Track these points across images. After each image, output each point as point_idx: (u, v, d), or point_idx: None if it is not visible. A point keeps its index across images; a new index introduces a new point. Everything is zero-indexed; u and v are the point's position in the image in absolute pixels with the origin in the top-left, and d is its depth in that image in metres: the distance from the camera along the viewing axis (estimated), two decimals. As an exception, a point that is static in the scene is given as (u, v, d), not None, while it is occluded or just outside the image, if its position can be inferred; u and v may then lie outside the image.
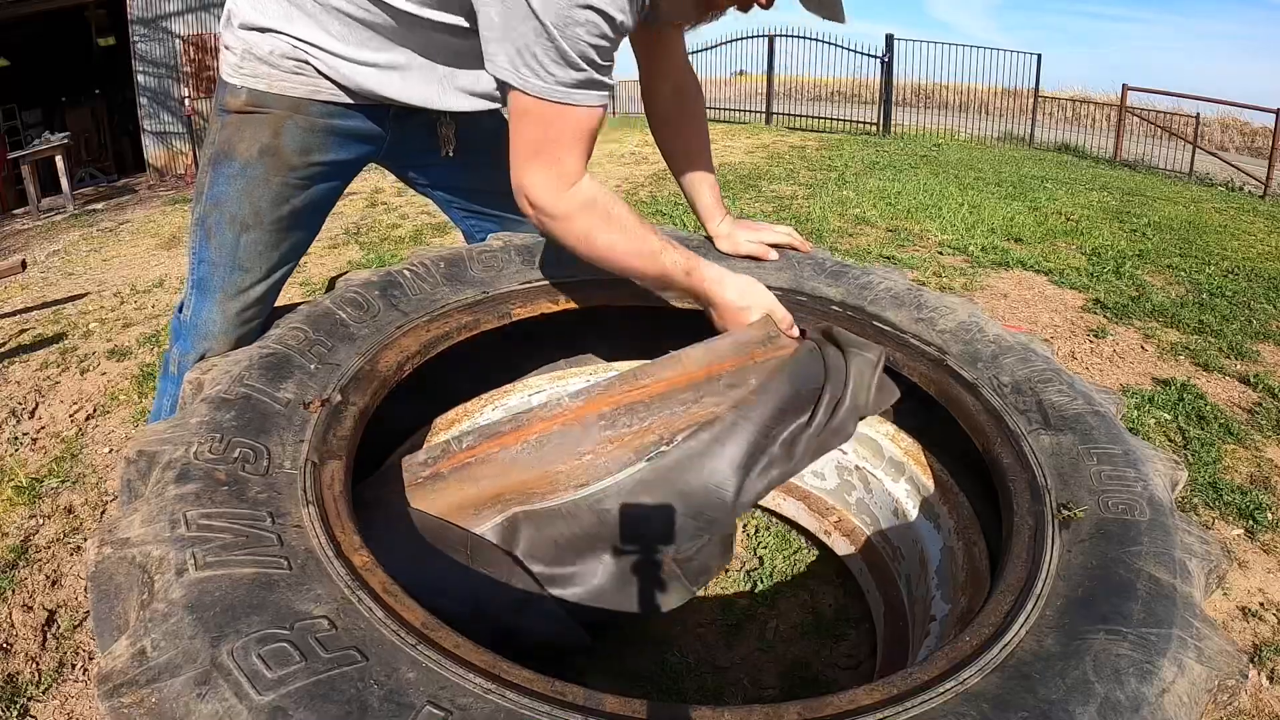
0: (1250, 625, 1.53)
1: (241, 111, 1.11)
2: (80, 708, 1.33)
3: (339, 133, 1.17)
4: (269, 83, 1.10)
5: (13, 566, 1.67)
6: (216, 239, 1.13)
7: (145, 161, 9.33)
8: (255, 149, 1.11)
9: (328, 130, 1.15)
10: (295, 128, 1.12)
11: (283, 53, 1.09)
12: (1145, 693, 0.64)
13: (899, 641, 1.25)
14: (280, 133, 1.11)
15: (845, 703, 0.66)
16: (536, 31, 0.90)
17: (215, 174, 1.13)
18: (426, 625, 0.67)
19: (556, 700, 0.61)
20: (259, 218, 1.13)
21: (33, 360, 2.90)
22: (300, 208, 1.18)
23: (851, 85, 12.47)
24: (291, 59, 1.09)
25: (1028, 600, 0.76)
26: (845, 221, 4.71)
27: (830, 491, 1.53)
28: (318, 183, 1.19)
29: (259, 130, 1.11)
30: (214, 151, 1.14)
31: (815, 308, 1.35)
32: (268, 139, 1.11)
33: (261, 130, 1.11)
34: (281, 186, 1.13)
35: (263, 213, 1.13)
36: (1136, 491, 0.90)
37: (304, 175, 1.16)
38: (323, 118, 1.14)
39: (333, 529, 0.75)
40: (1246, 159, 10.28)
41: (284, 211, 1.15)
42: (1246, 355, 2.84)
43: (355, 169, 1.28)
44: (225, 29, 1.14)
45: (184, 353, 1.17)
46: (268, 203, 1.13)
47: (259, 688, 0.56)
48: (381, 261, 3.94)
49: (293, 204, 1.16)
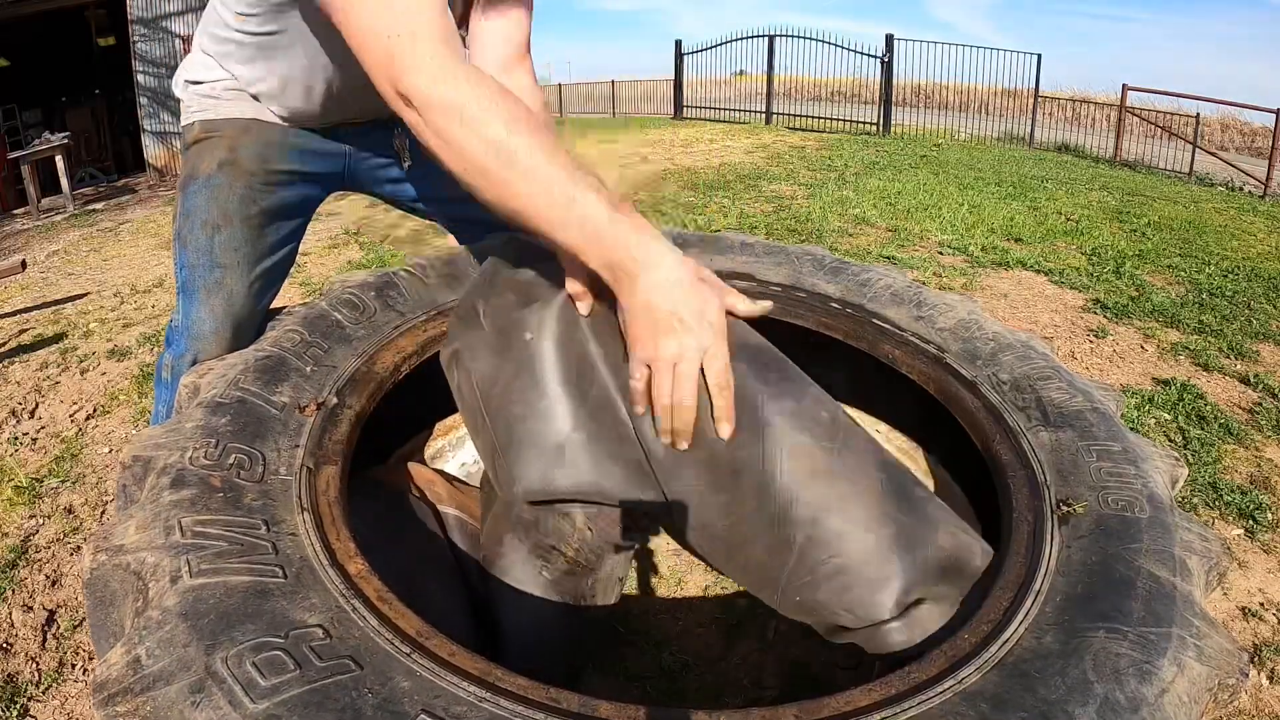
0: (1250, 625, 1.53)
1: (197, 140, 1.19)
2: (80, 708, 1.33)
3: (294, 148, 1.22)
4: (216, 110, 1.19)
5: (13, 566, 1.67)
6: (192, 244, 1.16)
7: (145, 161, 9.33)
8: (215, 164, 1.17)
9: (282, 145, 1.20)
10: (250, 143, 1.18)
11: (224, 85, 1.18)
12: (1145, 693, 0.64)
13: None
14: (236, 149, 1.17)
15: (842, 704, 0.66)
16: None
17: (184, 195, 1.19)
18: (421, 633, 0.67)
19: (551, 707, 0.61)
20: (228, 218, 1.17)
21: (33, 360, 2.90)
22: (268, 209, 1.20)
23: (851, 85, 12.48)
24: (232, 89, 1.18)
25: (1026, 597, 0.75)
26: (845, 221, 4.71)
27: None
28: (282, 188, 1.22)
29: (215, 150, 1.17)
30: (181, 180, 1.21)
31: (814, 304, 1.34)
32: (224, 154, 1.17)
33: (218, 149, 1.17)
34: (246, 189, 1.17)
35: (231, 213, 1.17)
36: (1136, 488, 0.89)
37: (266, 181, 1.20)
38: (276, 134, 1.20)
39: (327, 536, 0.75)
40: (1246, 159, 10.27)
41: (252, 211, 1.18)
42: (1246, 355, 2.83)
43: (323, 184, 1.31)
44: (176, 88, 1.23)
45: (177, 356, 1.16)
46: (235, 204, 1.17)
47: (253, 696, 0.56)
48: (381, 261, 3.94)
49: (260, 205, 1.19)
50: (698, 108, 12.75)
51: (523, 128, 0.80)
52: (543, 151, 0.80)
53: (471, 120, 0.80)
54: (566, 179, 0.80)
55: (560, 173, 0.80)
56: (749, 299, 0.91)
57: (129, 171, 10.02)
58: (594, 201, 0.80)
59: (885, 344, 1.25)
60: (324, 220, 4.96)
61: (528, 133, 0.80)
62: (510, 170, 0.80)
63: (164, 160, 9.25)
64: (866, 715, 0.64)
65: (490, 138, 0.80)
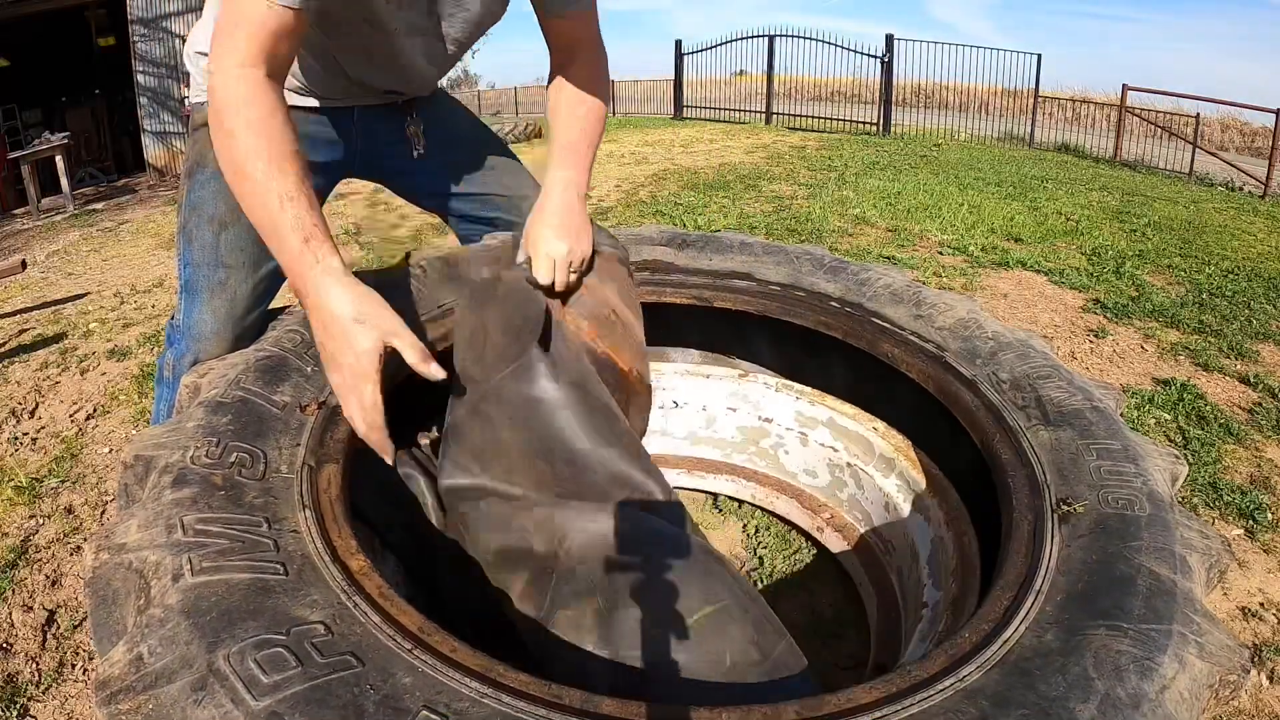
0: (1250, 625, 1.53)
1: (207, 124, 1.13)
2: (80, 708, 1.33)
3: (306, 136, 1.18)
4: None
5: (13, 566, 1.67)
6: (197, 241, 1.15)
7: (145, 161, 9.32)
8: None
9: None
10: None
11: None
12: (1146, 689, 0.64)
13: (892, 633, 1.25)
14: None
15: (843, 701, 0.66)
16: None
17: (190, 183, 1.17)
18: (423, 630, 0.67)
19: (553, 704, 0.61)
20: (236, 214, 1.13)
21: (33, 360, 2.90)
22: None
23: (851, 85, 12.48)
24: None
25: (1027, 596, 0.76)
26: (845, 221, 4.71)
27: (822, 489, 1.54)
28: None
29: None
30: (188, 165, 1.18)
31: (813, 303, 1.35)
32: None
33: None
34: None
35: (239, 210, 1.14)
36: (1136, 486, 0.90)
37: None
38: None
39: (329, 533, 0.75)
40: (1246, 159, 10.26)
41: None
42: (1246, 355, 2.83)
43: (331, 175, 1.29)
44: (185, 58, 1.19)
45: (178, 356, 1.16)
46: None
47: (255, 693, 0.56)
48: (381, 262, 3.94)
49: None
50: (698, 108, 12.75)
51: (258, 130, 0.86)
52: (263, 161, 0.85)
53: (218, 109, 0.88)
54: (276, 202, 0.85)
55: (273, 195, 0.85)
56: (423, 357, 0.87)
57: (129, 171, 10.02)
58: (289, 227, 0.85)
59: (885, 343, 1.25)
60: (324, 220, 4.95)
61: (257, 136, 0.86)
62: (238, 179, 0.88)
63: (164, 160, 9.24)
64: (868, 713, 0.64)
65: (227, 127, 0.87)
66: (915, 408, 1.31)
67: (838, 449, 1.49)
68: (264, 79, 0.89)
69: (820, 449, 1.52)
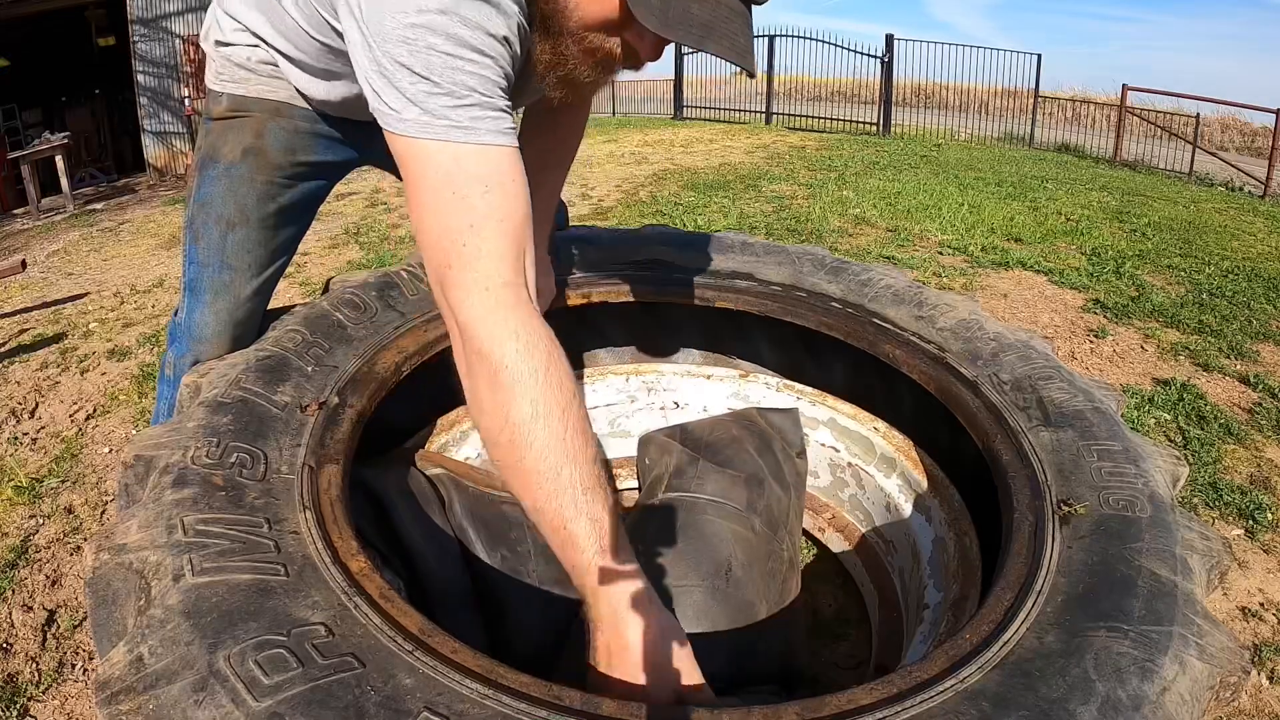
0: (1250, 625, 1.53)
1: (224, 117, 1.11)
2: (80, 708, 1.33)
3: (323, 135, 1.16)
4: (247, 87, 1.10)
5: (13, 566, 1.67)
6: (204, 240, 1.13)
7: (145, 161, 9.31)
8: (239, 150, 1.10)
9: (311, 133, 1.14)
10: (278, 129, 1.11)
11: (259, 59, 1.08)
12: (1146, 691, 0.64)
13: (894, 633, 1.25)
14: (263, 134, 1.11)
15: (844, 702, 0.66)
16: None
17: (201, 177, 1.13)
18: (423, 631, 0.67)
19: (553, 704, 0.61)
20: (245, 216, 1.12)
21: (33, 360, 2.90)
22: (287, 205, 1.16)
23: (851, 85, 12.46)
24: (267, 63, 1.09)
25: (1028, 597, 0.76)
26: (845, 221, 4.71)
27: (824, 489, 1.54)
28: (304, 181, 1.17)
29: (242, 133, 1.11)
30: (200, 157, 1.15)
31: (815, 304, 1.35)
32: (251, 140, 1.11)
33: (244, 133, 1.11)
34: (267, 185, 1.12)
35: (249, 211, 1.12)
36: (1137, 488, 0.90)
37: (290, 175, 1.15)
38: (305, 121, 1.13)
39: (330, 534, 0.75)
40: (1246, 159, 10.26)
41: (270, 209, 1.14)
42: (1246, 355, 2.83)
43: (343, 170, 1.27)
44: (204, 41, 1.14)
45: (179, 356, 1.16)
46: (254, 201, 1.12)
47: (256, 694, 0.56)
48: (381, 261, 3.94)
49: (279, 202, 1.15)
50: (698, 108, 12.74)
51: (549, 412, 0.74)
52: (556, 455, 0.74)
53: (503, 386, 0.74)
54: (569, 497, 0.74)
55: (565, 488, 0.74)
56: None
57: (129, 171, 10.01)
58: (585, 533, 0.74)
59: (886, 344, 1.25)
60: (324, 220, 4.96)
61: (551, 421, 0.74)
62: (519, 458, 0.75)
63: (164, 160, 9.23)
64: (868, 714, 0.64)
65: (513, 419, 0.74)
66: (916, 408, 1.31)
67: (839, 449, 1.49)
68: (526, 318, 0.76)
69: (821, 449, 1.52)
